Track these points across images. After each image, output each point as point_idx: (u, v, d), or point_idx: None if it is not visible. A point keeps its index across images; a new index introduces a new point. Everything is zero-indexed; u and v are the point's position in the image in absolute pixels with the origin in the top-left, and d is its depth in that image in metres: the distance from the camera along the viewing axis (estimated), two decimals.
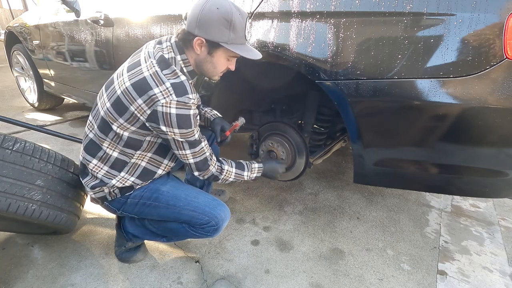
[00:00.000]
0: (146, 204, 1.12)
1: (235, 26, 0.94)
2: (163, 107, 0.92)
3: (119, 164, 1.06)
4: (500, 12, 0.82)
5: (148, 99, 0.92)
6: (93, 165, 1.06)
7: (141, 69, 0.96)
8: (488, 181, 1.06)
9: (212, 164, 1.10)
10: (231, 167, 1.16)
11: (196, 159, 1.05)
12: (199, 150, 1.04)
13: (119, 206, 1.13)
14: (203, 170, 1.09)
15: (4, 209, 0.96)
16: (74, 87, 2.36)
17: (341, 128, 1.67)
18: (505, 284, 1.28)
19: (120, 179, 1.07)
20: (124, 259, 1.25)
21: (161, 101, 0.91)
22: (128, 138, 1.01)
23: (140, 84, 0.93)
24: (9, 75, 3.98)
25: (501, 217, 1.74)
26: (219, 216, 1.09)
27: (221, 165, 1.13)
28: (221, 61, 1.02)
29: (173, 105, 0.92)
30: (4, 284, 1.11)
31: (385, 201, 1.82)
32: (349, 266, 1.31)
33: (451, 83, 0.89)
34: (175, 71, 0.97)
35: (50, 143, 2.29)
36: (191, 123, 0.97)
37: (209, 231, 1.10)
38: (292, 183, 1.94)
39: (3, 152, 1.01)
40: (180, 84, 0.94)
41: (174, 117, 0.93)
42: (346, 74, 1.02)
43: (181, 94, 0.93)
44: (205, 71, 1.04)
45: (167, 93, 0.92)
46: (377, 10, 0.95)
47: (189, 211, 1.09)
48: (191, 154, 1.03)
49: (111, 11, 1.75)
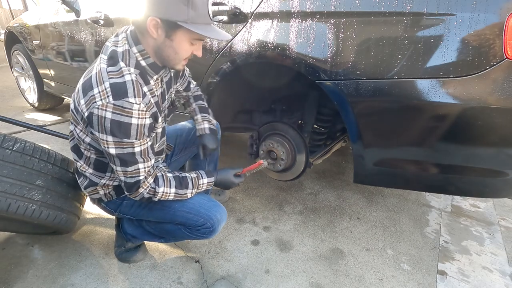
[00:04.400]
0: (142, 206, 1.09)
1: (195, 2, 0.80)
2: (98, 110, 0.81)
3: (101, 165, 1.02)
4: (500, 12, 0.82)
5: (88, 99, 0.83)
6: (80, 165, 1.04)
7: (94, 66, 0.88)
8: (488, 181, 1.06)
9: (144, 187, 0.94)
10: (169, 188, 0.99)
11: (127, 179, 0.92)
12: (132, 170, 0.90)
13: (116, 207, 1.11)
14: (132, 192, 0.95)
15: (4, 209, 0.96)
16: (74, 87, 2.35)
17: (341, 128, 1.67)
18: (505, 284, 1.28)
19: (108, 178, 1.04)
20: (124, 259, 1.25)
21: (97, 103, 0.81)
22: (90, 144, 0.96)
23: (86, 84, 0.85)
24: (9, 75, 3.98)
25: (501, 217, 1.74)
26: (214, 218, 1.04)
27: (155, 188, 0.97)
28: (184, 46, 0.87)
29: (109, 108, 0.80)
30: (4, 284, 1.11)
31: (385, 201, 1.82)
32: (349, 266, 1.31)
33: (451, 83, 0.89)
34: (121, 69, 0.85)
35: (50, 143, 2.29)
36: (129, 133, 0.83)
37: (205, 233, 1.06)
38: (292, 183, 1.94)
39: (3, 152, 1.01)
40: (121, 85, 0.82)
41: (109, 122, 0.81)
42: (346, 74, 1.02)
43: (119, 96, 0.81)
44: (166, 59, 0.90)
45: (104, 95, 0.81)
46: (377, 10, 0.95)
47: (184, 212, 1.05)
48: (121, 171, 0.91)
49: (111, 11, 1.75)
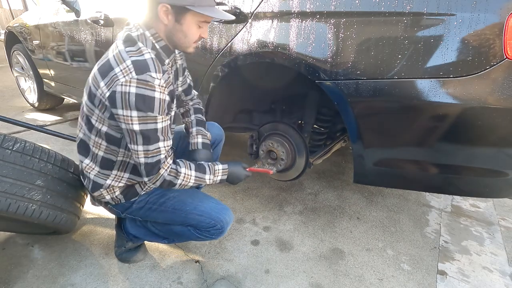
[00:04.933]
0: (152, 209, 1.10)
1: None
2: (122, 86, 0.84)
3: (108, 163, 1.02)
4: (500, 12, 0.82)
5: (109, 80, 0.87)
6: (85, 165, 1.04)
7: (108, 53, 0.93)
8: (488, 181, 1.06)
9: (165, 167, 0.95)
10: (189, 170, 1.02)
11: (148, 159, 0.93)
12: (154, 149, 0.92)
13: (123, 209, 1.12)
14: (153, 174, 0.95)
15: (4, 209, 0.96)
16: (74, 87, 2.36)
17: (341, 128, 1.67)
18: (505, 284, 1.28)
19: (114, 177, 1.04)
20: (124, 259, 1.25)
21: (120, 80, 0.84)
22: (106, 134, 0.97)
23: (104, 67, 0.90)
24: (9, 75, 3.98)
25: (501, 217, 1.74)
26: (224, 220, 1.10)
27: (177, 168, 0.99)
28: (192, 29, 0.94)
29: (133, 83, 0.84)
30: (4, 284, 1.11)
31: (385, 201, 1.82)
32: (349, 266, 1.31)
33: (451, 83, 0.89)
34: (140, 48, 0.91)
35: (50, 143, 2.29)
36: (153, 107, 0.87)
37: (214, 234, 1.11)
38: (292, 183, 1.94)
39: (3, 152, 1.01)
40: (143, 62, 0.87)
41: (133, 96, 0.84)
42: (346, 74, 1.02)
43: (142, 71, 0.85)
44: (177, 42, 0.96)
45: (127, 71, 0.85)
46: (377, 10, 0.95)
47: (196, 215, 1.08)
48: (142, 151, 0.92)
49: (111, 11, 1.75)
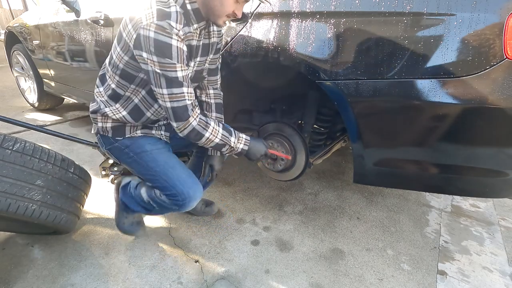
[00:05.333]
0: (129, 156, 1.17)
1: None
2: (143, 30, 0.89)
3: (116, 95, 1.10)
4: (500, 12, 0.82)
5: (135, 22, 0.92)
6: (98, 91, 1.15)
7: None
8: (488, 181, 1.06)
9: (194, 116, 0.99)
10: (218, 126, 1.07)
11: (174, 103, 0.96)
12: (178, 93, 0.96)
13: (107, 144, 1.20)
14: (182, 120, 0.98)
15: (4, 209, 0.96)
16: (74, 87, 2.36)
17: (341, 128, 1.67)
18: (505, 284, 1.28)
19: (113, 109, 1.12)
20: (125, 231, 1.38)
21: (143, 23, 0.89)
22: (122, 70, 1.04)
23: (134, 14, 0.95)
24: (9, 75, 3.98)
25: (501, 217, 1.74)
26: (186, 193, 1.10)
27: (207, 119, 1.04)
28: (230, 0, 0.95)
29: (152, 27, 0.88)
30: (4, 284, 1.11)
31: (385, 201, 1.82)
32: (349, 266, 1.31)
33: (451, 83, 0.89)
34: (169, 1, 0.94)
35: (50, 143, 2.29)
36: (171, 54, 0.90)
37: (176, 205, 1.13)
38: (292, 183, 1.94)
39: (3, 152, 1.01)
40: (167, 12, 0.91)
41: (152, 41, 0.89)
42: (346, 74, 1.02)
43: (162, 18, 0.89)
44: (211, 9, 0.97)
45: (150, 16, 0.90)
46: (377, 10, 0.95)
47: (162, 179, 1.12)
48: (168, 95, 0.95)
49: (111, 11, 1.75)
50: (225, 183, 1.90)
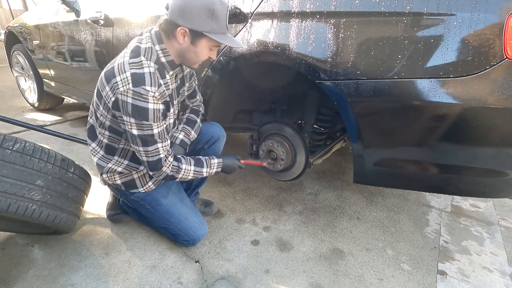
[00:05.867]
0: (145, 207, 1.29)
1: (217, 16, 0.97)
2: (121, 95, 0.96)
3: (111, 149, 1.17)
4: (500, 12, 0.82)
5: (112, 86, 0.98)
6: (92, 148, 1.20)
7: (116, 59, 1.03)
8: (488, 181, 1.06)
9: (166, 165, 1.10)
10: (189, 165, 1.17)
11: (149, 158, 1.07)
12: (153, 150, 1.05)
13: (123, 195, 1.29)
14: (156, 170, 1.10)
15: (4, 209, 0.96)
16: (74, 87, 2.36)
17: (341, 128, 1.67)
18: (505, 284, 1.28)
19: (115, 162, 1.19)
20: (115, 220, 1.45)
21: (120, 89, 0.96)
22: (109, 127, 1.11)
23: (109, 73, 1.00)
24: (9, 75, 3.98)
25: (501, 217, 1.74)
26: (197, 238, 1.30)
27: (178, 165, 1.14)
28: (204, 51, 1.04)
29: (130, 94, 0.95)
30: (4, 284, 1.11)
31: (385, 201, 1.82)
32: (349, 266, 1.31)
33: (451, 83, 0.89)
34: (142, 61, 1.00)
35: (50, 143, 2.29)
36: (147, 116, 0.98)
37: (185, 244, 1.32)
38: (292, 183, 1.94)
39: (3, 152, 1.01)
40: (140, 75, 0.97)
41: (130, 106, 0.96)
42: (346, 74, 1.02)
43: (138, 84, 0.95)
44: (187, 60, 1.06)
45: (125, 82, 0.96)
46: (377, 10, 0.95)
47: (177, 229, 1.28)
48: (143, 152, 1.06)
49: (111, 11, 1.75)
50: (225, 183, 1.90)
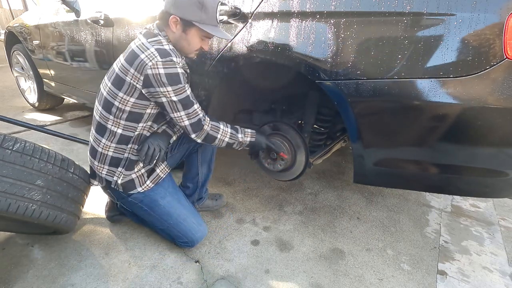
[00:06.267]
0: (143, 209, 1.28)
1: (207, 8, 1.05)
2: (151, 69, 1.02)
3: (125, 139, 1.18)
4: (500, 12, 0.82)
5: (138, 65, 1.03)
6: (103, 144, 1.18)
7: (130, 45, 1.10)
8: (488, 181, 1.06)
9: (207, 124, 1.17)
10: (226, 127, 1.22)
11: (191, 120, 1.13)
12: (193, 111, 1.12)
13: (120, 198, 1.28)
14: (198, 130, 1.16)
15: (4, 209, 0.96)
16: (74, 87, 2.36)
17: (341, 128, 1.67)
18: (505, 284, 1.28)
19: (130, 150, 1.19)
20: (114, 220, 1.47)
21: (148, 64, 1.02)
22: (129, 113, 1.12)
23: (130, 56, 1.06)
24: (9, 75, 3.98)
25: (501, 217, 1.74)
26: (196, 240, 1.29)
27: (217, 124, 1.20)
28: (195, 40, 1.12)
29: (160, 65, 1.02)
30: (4, 284, 1.11)
31: (385, 201, 1.82)
32: (349, 266, 1.31)
33: (451, 83, 0.89)
34: (160, 40, 1.08)
35: (50, 143, 2.29)
36: (180, 79, 1.06)
37: (183, 246, 1.32)
38: (292, 183, 1.94)
39: (3, 152, 1.01)
40: (164, 50, 1.05)
41: (164, 76, 1.03)
42: (346, 74, 1.02)
43: (164, 56, 1.04)
44: (181, 48, 1.14)
45: (152, 56, 1.03)
46: (377, 10, 0.95)
47: (175, 231, 1.27)
48: (185, 115, 1.12)
49: (111, 11, 1.75)
50: (225, 183, 1.90)
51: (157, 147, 1.18)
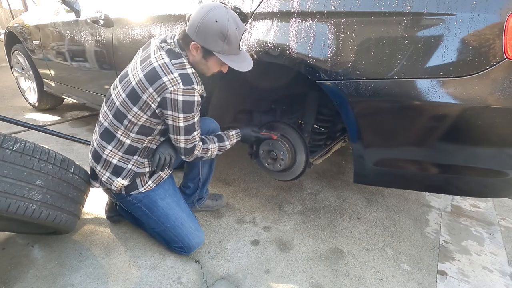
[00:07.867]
0: (141, 209, 1.27)
1: (230, 39, 1.03)
2: (171, 94, 1.03)
3: (133, 149, 1.18)
4: (500, 12, 0.82)
5: (158, 87, 1.03)
6: (109, 151, 1.18)
7: (151, 60, 1.07)
8: (488, 181, 1.06)
9: (198, 149, 1.21)
10: (214, 143, 1.26)
11: (187, 145, 1.17)
12: (191, 138, 1.16)
13: (119, 198, 1.29)
14: (189, 154, 1.21)
15: (4, 209, 0.96)
16: (74, 87, 2.36)
17: (341, 128, 1.67)
18: (505, 284, 1.28)
19: (134, 162, 1.20)
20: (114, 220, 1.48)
21: (169, 89, 1.03)
22: (141, 127, 1.13)
23: (151, 74, 1.04)
24: (9, 75, 3.98)
25: (501, 217, 1.74)
26: (192, 246, 1.27)
27: (206, 146, 1.24)
28: (214, 66, 1.13)
29: (180, 92, 1.03)
30: (4, 284, 1.11)
31: (385, 201, 1.82)
32: (349, 266, 1.31)
33: (451, 83, 0.89)
34: (184, 63, 1.08)
35: (50, 143, 2.29)
36: (194, 107, 1.09)
37: (179, 252, 1.29)
38: (292, 183, 1.94)
39: (3, 152, 1.01)
40: (187, 76, 1.06)
41: (181, 103, 1.05)
42: (346, 74, 1.02)
43: (187, 83, 1.04)
44: (199, 70, 1.14)
45: (175, 82, 1.03)
46: (377, 10, 0.95)
47: (172, 235, 1.26)
48: (184, 140, 1.15)
49: (111, 11, 1.75)
50: (225, 183, 1.90)
51: (168, 156, 1.23)
